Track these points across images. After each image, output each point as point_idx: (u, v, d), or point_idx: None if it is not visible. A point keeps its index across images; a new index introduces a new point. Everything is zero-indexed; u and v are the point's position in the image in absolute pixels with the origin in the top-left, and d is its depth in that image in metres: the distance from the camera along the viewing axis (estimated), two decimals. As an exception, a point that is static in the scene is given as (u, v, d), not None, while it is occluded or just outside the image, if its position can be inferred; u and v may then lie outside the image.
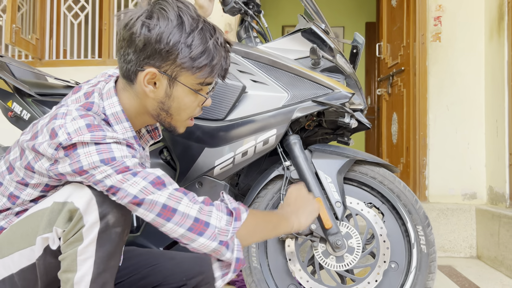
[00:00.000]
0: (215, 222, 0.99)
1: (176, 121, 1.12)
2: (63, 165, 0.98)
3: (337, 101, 1.49)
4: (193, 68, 1.03)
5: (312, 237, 1.51)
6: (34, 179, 1.04)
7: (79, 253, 0.95)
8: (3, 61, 1.74)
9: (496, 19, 2.97)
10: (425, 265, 1.52)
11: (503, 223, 2.59)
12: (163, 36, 0.99)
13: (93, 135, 0.96)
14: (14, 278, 1.01)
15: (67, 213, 0.95)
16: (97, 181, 0.96)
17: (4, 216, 1.08)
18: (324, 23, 1.64)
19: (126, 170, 0.96)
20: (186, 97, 1.08)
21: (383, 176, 1.56)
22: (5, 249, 1.01)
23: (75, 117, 0.99)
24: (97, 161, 0.95)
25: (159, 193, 0.97)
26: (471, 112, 3.20)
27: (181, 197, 0.98)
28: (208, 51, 1.03)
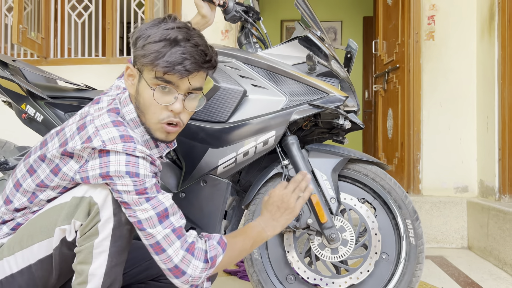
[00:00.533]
0: (190, 272, 1.09)
1: (148, 121, 1.15)
2: (92, 167, 1.06)
3: (332, 104, 1.55)
4: (140, 56, 1.08)
5: (308, 231, 1.59)
6: (53, 182, 1.13)
7: (95, 246, 1.04)
8: (16, 66, 1.81)
9: (487, 19, 3.05)
10: (414, 256, 1.60)
11: (491, 216, 2.70)
12: (136, 30, 1.11)
13: (125, 146, 1.05)
14: (31, 268, 1.10)
15: (86, 206, 1.05)
16: (117, 190, 1.05)
17: (22, 214, 1.18)
18: (320, 30, 1.71)
19: (144, 192, 1.05)
20: (145, 92, 1.11)
21: (375, 173, 1.64)
22: (25, 241, 1.10)
23: (107, 123, 1.08)
24: (123, 171, 1.04)
25: (159, 230, 1.06)
26: (463, 108, 3.28)
27: (173, 241, 1.07)
28: (160, 42, 1.06)
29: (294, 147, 1.61)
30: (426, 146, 3.34)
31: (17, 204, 1.17)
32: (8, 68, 1.81)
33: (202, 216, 1.63)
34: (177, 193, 1.62)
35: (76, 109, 1.82)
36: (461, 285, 2.22)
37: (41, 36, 3.50)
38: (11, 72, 1.80)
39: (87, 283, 1.05)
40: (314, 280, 1.60)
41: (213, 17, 1.66)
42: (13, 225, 1.18)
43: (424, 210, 3.12)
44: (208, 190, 1.61)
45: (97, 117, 1.12)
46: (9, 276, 1.11)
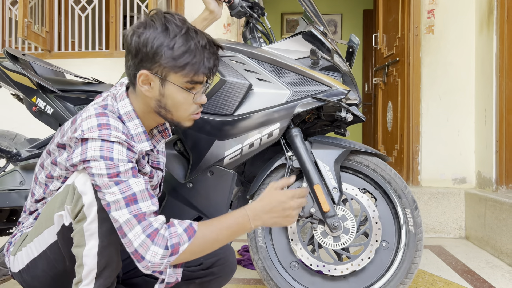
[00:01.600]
0: (149, 258, 1.08)
1: (177, 117, 1.23)
2: (75, 155, 1.13)
3: (334, 97, 1.60)
4: (176, 67, 1.14)
5: (312, 220, 1.64)
6: (56, 172, 1.22)
7: (85, 229, 1.11)
8: (26, 60, 1.86)
9: (486, 13, 3.10)
10: (413, 244, 1.66)
11: (488, 206, 2.76)
12: (148, 41, 1.12)
13: (101, 133, 1.11)
14: (47, 252, 1.19)
15: (72, 192, 1.13)
16: (91, 173, 1.11)
17: (41, 204, 1.28)
18: (323, 25, 1.75)
19: (115, 176, 1.09)
20: (178, 95, 1.18)
21: (375, 164, 1.69)
22: (38, 229, 1.20)
23: (91, 115, 1.14)
24: (97, 156, 1.09)
25: (123, 213, 1.08)
26: (462, 101, 3.33)
27: (134, 225, 1.08)
28: (190, 51, 1.14)
29: (297, 139, 1.66)
30: (425, 138, 3.39)
31: (36, 195, 1.28)
32: (18, 62, 1.85)
33: (208, 205, 1.68)
34: (184, 183, 1.67)
35: (85, 102, 1.87)
36: (458, 273, 2.29)
37: (45, 30, 3.53)
38: (22, 66, 1.85)
39: (83, 265, 1.12)
40: (317, 266, 1.66)
41: (221, 12, 1.70)
42: (35, 215, 1.29)
43: (423, 201, 3.19)
44: (214, 181, 1.66)
45: (84, 110, 1.20)
46: (33, 260, 1.21)
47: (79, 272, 1.13)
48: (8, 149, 1.83)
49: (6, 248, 1.33)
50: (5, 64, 1.88)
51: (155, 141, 1.36)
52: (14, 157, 1.81)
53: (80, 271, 1.12)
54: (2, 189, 1.79)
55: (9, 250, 1.31)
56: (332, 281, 1.69)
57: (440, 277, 2.22)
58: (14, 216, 2.04)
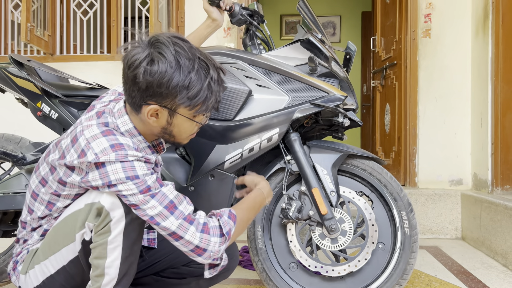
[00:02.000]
0: (211, 248, 1.19)
1: (179, 140, 1.28)
2: (93, 178, 1.13)
3: (332, 103, 1.65)
4: (190, 105, 1.17)
5: (310, 222, 1.69)
6: (65, 191, 1.22)
7: (109, 242, 1.13)
8: (31, 66, 1.90)
9: (482, 18, 3.14)
10: (408, 245, 1.70)
11: (484, 207, 2.81)
12: (163, 81, 1.11)
13: (117, 155, 1.11)
14: (65, 268, 1.21)
15: (95, 210, 1.14)
16: (123, 195, 1.12)
17: (46, 221, 1.28)
18: (321, 32, 1.79)
19: (148, 190, 1.12)
20: (185, 124, 1.22)
21: (372, 168, 1.74)
22: (53, 247, 1.20)
23: (97, 134, 1.14)
24: (123, 178, 1.11)
25: (171, 220, 1.15)
26: (458, 104, 3.38)
27: (187, 227, 1.16)
28: (203, 90, 1.16)
29: (296, 144, 1.70)
30: (422, 141, 3.44)
31: (39, 213, 1.26)
32: (23, 68, 1.89)
33: (210, 208, 1.70)
34: (186, 187, 1.72)
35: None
36: (454, 274, 2.33)
37: (47, 34, 3.57)
38: (27, 71, 1.89)
39: (104, 275, 1.15)
40: (315, 268, 1.70)
41: (223, 20, 1.75)
42: (41, 232, 1.29)
43: (420, 202, 3.23)
44: (215, 184, 1.70)
45: (86, 127, 1.17)
46: (49, 277, 1.22)
47: (97, 281, 1.15)
48: (14, 153, 1.87)
49: (12, 267, 1.31)
50: (10, 70, 1.92)
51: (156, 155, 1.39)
52: (19, 161, 1.84)
53: (99, 280, 1.15)
54: (8, 192, 1.83)
55: (16, 268, 1.30)
56: (330, 282, 1.74)
57: (435, 277, 2.26)
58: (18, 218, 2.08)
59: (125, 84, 1.18)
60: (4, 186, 1.85)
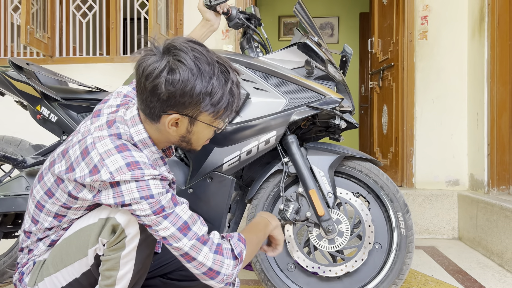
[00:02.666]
0: (224, 271, 1.15)
1: (195, 146, 1.25)
2: (106, 197, 1.09)
3: (328, 105, 1.67)
4: (214, 112, 1.14)
5: (307, 223, 1.71)
6: (76, 204, 1.18)
7: (122, 257, 1.13)
8: (30, 69, 1.91)
9: (478, 20, 3.17)
10: (404, 245, 1.72)
11: (480, 208, 2.83)
12: (186, 90, 1.07)
13: (133, 174, 1.06)
14: (78, 280, 1.20)
15: (110, 227, 1.12)
16: (136, 215, 1.10)
17: (53, 232, 1.24)
18: (318, 35, 1.81)
19: (161, 211, 1.09)
20: (205, 131, 1.20)
21: (368, 169, 1.76)
22: (65, 260, 1.19)
23: (111, 150, 1.09)
24: (137, 197, 1.07)
25: (184, 242, 1.11)
26: (455, 105, 3.40)
27: (201, 248, 1.12)
28: (226, 95, 1.13)
29: (293, 146, 1.72)
30: (419, 141, 3.46)
31: (46, 224, 1.22)
32: (23, 71, 1.91)
33: (208, 209, 1.74)
34: (185, 189, 1.73)
35: (88, 110, 1.93)
36: (450, 273, 2.36)
37: (47, 36, 3.59)
38: (26, 75, 1.90)
39: (115, 286, 1.15)
40: (313, 268, 1.72)
41: (218, 23, 1.75)
42: (48, 242, 1.25)
43: (417, 203, 3.26)
44: (214, 186, 1.71)
45: (97, 139, 1.13)
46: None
47: None
48: (14, 156, 1.88)
49: (17, 278, 1.29)
50: (10, 73, 1.94)
51: None
52: (20, 164, 1.86)
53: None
54: (8, 194, 1.85)
55: (22, 280, 1.27)
56: (327, 282, 1.76)
57: (432, 277, 2.28)
58: (19, 220, 2.10)
59: (141, 94, 1.13)
60: (5, 189, 1.87)
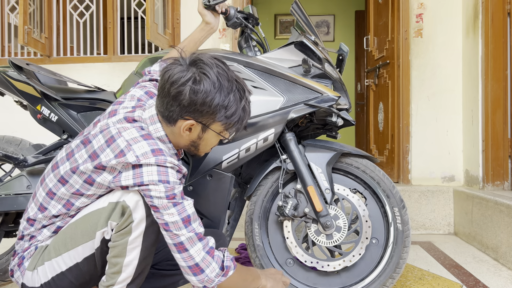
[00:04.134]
0: (208, 272, 1.23)
1: (202, 151, 1.37)
2: (126, 178, 1.19)
3: (325, 103, 1.69)
4: (226, 123, 1.27)
5: (305, 219, 1.73)
6: (90, 191, 1.26)
7: (129, 242, 1.19)
8: (30, 69, 1.92)
9: (472, 17, 3.21)
10: (401, 240, 1.75)
11: (475, 203, 2.87)
12: (206, 100, 1.21)
13: (157, 159, 1.18)
14: (78, 265, 1.25)
15: (120, 209, 1.19)
16: (149, 196, 1.18)
17: (60, 219, 1.31)
18: (314, 34, 1.83)
19: (173, 198, 1.19)
20: (213, 139, 1.33)
21: (365, 166, 1.78)
22: (69, 244, 1.24)
23: (137, 137, 1.21)
24: (156, 180, 1.17)
25: (183, 232, 1.20)
26: (450, 102, 3.44)
27: (196, 242, 1.21)
28: (239, 111, 1.27)
29: (291, 143, 1.75)
30: (415, 138, 3.50)
31: (54, 211, 1.29)
32: (23, 71, 1.92)
33: (208, 207, 1.76)
34: (185, 187, 1.75)
35: (88, 109, 1.95)
36: (446, 268, 2.39)
37: (44, 36, 3.60)
38: (26, 75, 1.92)
39: (121, 273, 1.20)
40: (311, 263, 1.75)
41: (218, 24, 1.77)
42: (54, 228, 1.31)
43: (413, 199, 3.29)
44: (213, 184, 1.74)
45: (122, 129, 1.23)
46: (60, 274, 1.25)
47: (113, 277, 1.20)
48: (15, 156, 1.90)
49: (17, 262, 1.33)
50: (10, 73, 1.95)
51: None
52: (20, 163, 1.88)
53: (114, 277, 1.20)
54: (9, 193, 1.87)
55: (22, 264, 1.31)
56: (326, 277, 1.79)
57: (428, 271, 2.32)
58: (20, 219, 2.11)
59: (163, 98, 1.25)
60: (6, 188, 1.89)
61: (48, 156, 1.91)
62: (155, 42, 3.21)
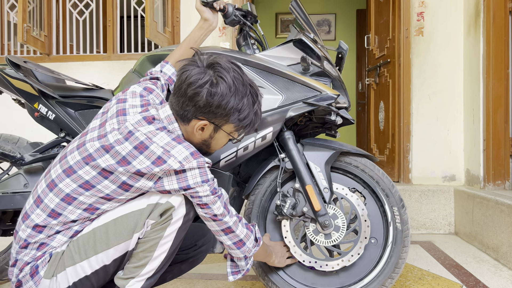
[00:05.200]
0: (248, 244, 1.43)
1: (212, 150, 1.42)
2: (169, 183, 1.24)
3: (324, 101, 1.68)
4: (238, 126, 1.35)
5: (304, 218, 1.72)
6: (123, 196, 1.25)
7: (163, 237, 1.24)
8: (28, 67, 1.92)
9: (473, 15, 3.19)
10: (400, 240, 1.74)
11: (476, 203, 2.86)
12: (222, 103, 1.27)
13: (198, 162, 1.23)
14: (105, 267, 1.24)
15: (161, 209, 1.23)
16: (197, 196, 1.26)
17: (79, 223, 1.26)
18: (314, 32, 1.82)
19: (215, 192, 1.29)
20: (223, 138, 1.39)
21: (364, 165, 1.77)
22: (99, 247, 1.22)
23: (170, 142, 1.23)
24: (200, 181, 1.24)
25: (228, 218, 1.35)
26: (451, 101, 3.42)
27: (238, 224, 1.39)
28: (251, 114, 1.34)
29: (290, 142, 1.74)
30: (415, 137, 3.48)
31: (72, 216, 1.24)
32: (20, 69, 1.91)
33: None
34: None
35: (86, 107, 1.93)
36: (446, 268, 2.38)
37: (44, 34, 3.59)
38: (24, 73, 1.91)
39: (146, 266, 1.24)
40: (310, 262, 1.74)
41: (216, 21, 1.76)
42: (71, 233, 1.26)
43: (413, 198, 3.28)
44: (211, 182, 1.73)
45: (151, 134, 1.22)
46: (83, 278, 1.23)
47: (134, 271, 1.24)
48: (12, 154, 1.89)
49: (29, 272, 1.25)
50: (7, 71, 1.94)
51: None
52: (18, 162, 1.87)
53: (136, 271, 1.24)
54: (7, 191, 1.86)
55: (37, 273, 1.24)
56: (324, 276, 1.78)
57: (428, 271, 2.31)
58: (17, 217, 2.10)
59: (179, 97, 1.31)
60: (3, 186, 1.88)
61: (45, 155, 1.89)
62: (155, 40, 3.20)
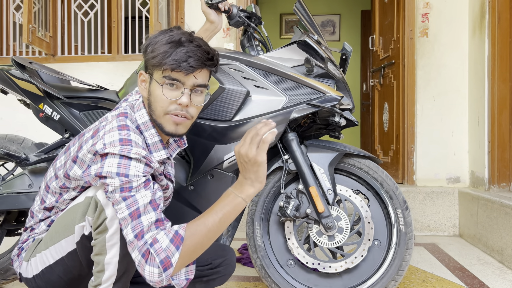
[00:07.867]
0: (148, 277, 1.09)
1: (156, 116, 1.22)
2: (94, 168, 1.14)
3: (328, 103, 1.67)
4: (153, 64, 1.19)
5: (307, 220, 1.72)
6: (72, 184, 1.26)
7: (107, 240, 1.16)
8: (33, 68, 1.93)
9: (479, 17, 3.17)
10: (403, 242, 1.73)
11: (481, 205, 2.84)
12: (146, 40, 1.24)
13: (122, 148, 1.12)
14: (64, 260, 1.25)
15: (93, 204, 1.17)
16: (106, 190, 1.13)
17: (54, 213, 1.33)
18: (318, 33, 1.82)
19: (127, 191, 1.10)
20: (157, 90, 1.20)
21: (368, 166, 1.77)
22: (55, 238, 1.25)
23: (114, 128, 1.16)
24: (114, 172, 1.11)
25: (127, 232, 1.09)
26: (455, 102, 3.41)
27: (135, 245, 1.09)
28: (164, 48, 1.17)
29: (293, 143, 1.73)
30: (419, 139, 3.47)
31: (47, 203, 1.32)
32: (25, 70, 1.93)
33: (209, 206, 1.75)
34: (186, 186, 1.75)
35: (90, 108, 1.95)
36: (450, 270, 2.37)
37: (49, 35, 3.61)
38: (29, 74, 1.92)
39: (105, 271, 1.18)
40: (313, 264, 1.74)
41: (221, 23, 1.77)
42: (48, 222, 1.34)
43: (418, 200, 3.27)
44: (214, 183, 1.73)
45: (109, 122, 1.20)
46: (48, 267, 1.26)
47: (98, 276, 1.18)
48: (17, 154, 1.90)
49: (16, 253, 1.36)
50: (13, 72, 1.95)
51: (171, 150, 1.41)
52: (23, 162, 1.88)
53: (100, 276, 1.18)
54: (11, 192, 1.87)
55: (20, 255, 1.34)
56: (327, 278, 1.77)
57: (432, 273, 2.30)
58: (22, 217, 2.12)
59: None
60: (8, 186, 1.89)
61: (50, 155, 1.90)
62: (159, 41, 3.20)
